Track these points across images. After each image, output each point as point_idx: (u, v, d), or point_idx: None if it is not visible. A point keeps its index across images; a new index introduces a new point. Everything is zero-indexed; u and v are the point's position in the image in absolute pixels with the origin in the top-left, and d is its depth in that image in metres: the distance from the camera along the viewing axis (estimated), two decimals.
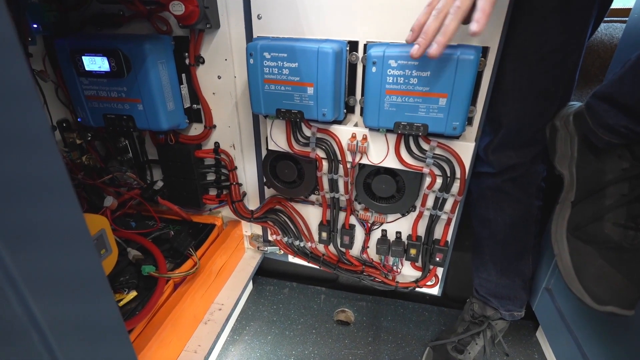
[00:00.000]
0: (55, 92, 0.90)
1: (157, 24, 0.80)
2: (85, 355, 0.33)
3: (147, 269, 0.77)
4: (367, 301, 1.16)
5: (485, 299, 0.93)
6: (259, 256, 1.09)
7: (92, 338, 0.34)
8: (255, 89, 0.73)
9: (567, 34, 0.64)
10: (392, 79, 0.65)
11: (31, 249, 0.26)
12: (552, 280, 0.91)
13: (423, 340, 1.04)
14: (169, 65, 0.81)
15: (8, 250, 0.24)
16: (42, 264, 0.27)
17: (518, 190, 0.80)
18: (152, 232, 0.92)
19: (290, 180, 0.88)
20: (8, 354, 0.27)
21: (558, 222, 0.72)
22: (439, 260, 0.87)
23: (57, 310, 0.29)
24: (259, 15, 0.75)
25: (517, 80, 0.69)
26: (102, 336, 0.35)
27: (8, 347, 0.27)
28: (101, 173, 0.98)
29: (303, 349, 1.01)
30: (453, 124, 0.65)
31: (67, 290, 0.30)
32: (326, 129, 0.77)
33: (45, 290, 0.27)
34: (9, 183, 0.24)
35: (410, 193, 0.80)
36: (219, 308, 0.91)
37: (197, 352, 0.80)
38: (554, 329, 0.90)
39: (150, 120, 0.81)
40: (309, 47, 0.66)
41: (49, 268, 0.28)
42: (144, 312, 0.70)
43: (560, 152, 0.72)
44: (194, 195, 0.98)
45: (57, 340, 0.28)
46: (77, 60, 0.76)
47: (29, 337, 0.27)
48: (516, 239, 0.85)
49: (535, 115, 0.72)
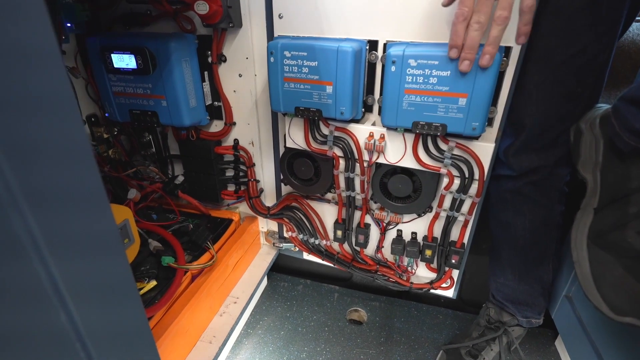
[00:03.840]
0: (85, 88, 0.94)
1: (182, 23, 0.82)
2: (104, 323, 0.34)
3: (166, 259, 0.80)
4: (380, 301, 1.16)
5: (502, 304, 0.91)
6: (274, 252, 1.11)
7: (107, 298, 0.35)
8: (275, 87, 0.74)
9: (595, 34, 0.62)
10: (412, 79, 0.64)
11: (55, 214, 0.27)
12: (572, 287, 0.89)
13: (436, 343, 1.03)
14: (193, 63, 0.83)
15: (35, 215, 0.25)
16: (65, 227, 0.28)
17: (539, 194, 0.78)
18: (172, 224, 0.95)
19: (307, 178, 0.89)
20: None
21: (579, 229, 0.70)
22: (455, 263, 0.86)
23: (78, 272, 0.30)
24: (280, 15, 0.76)
25: (540, 81, 0.67)
26: (115, 297, 0.37)
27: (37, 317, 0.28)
28: (126, 166, 1.02)
29: (315, 345, 1.02)
30: (473, 124, 0.64)
31: (87, 254, 0.31)
32: (344, 128, 0.77)
33: (65, 252, 0.28)
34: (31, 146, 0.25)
35: (427, 193, 0.80)
36: (234, 301, 0.93)
37: (212, 342, 0.82)
38: (574, 339, 0.88)
39: (173, 116, 0.84)
40: (328, 46, 0.67)
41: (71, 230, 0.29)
42: (162, 301, 0.73)
43: (584, 156, 0.70)
44: (213, 190, 1.01)
45: (74, 302, 0.29)
46: (107, 58, 0.80)
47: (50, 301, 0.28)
48: (536, 244, 0.83)
49: (559, 117, 0.71)
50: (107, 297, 0.34)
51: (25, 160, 0.24)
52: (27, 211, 0.24)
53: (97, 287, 0.32)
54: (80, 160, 0.28)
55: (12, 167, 0.22)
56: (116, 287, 0.35)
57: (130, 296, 0.37)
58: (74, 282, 0.29)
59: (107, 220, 0.32)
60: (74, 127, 0.27)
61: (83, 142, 0.28)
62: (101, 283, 0.33)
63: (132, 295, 0.37)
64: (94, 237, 0.31)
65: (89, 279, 0.31)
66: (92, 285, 0.32)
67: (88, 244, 0.31)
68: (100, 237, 0.32)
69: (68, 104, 0.26)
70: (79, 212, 0.29)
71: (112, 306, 0.35)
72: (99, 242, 0.32)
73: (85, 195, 0.30)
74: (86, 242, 0.30)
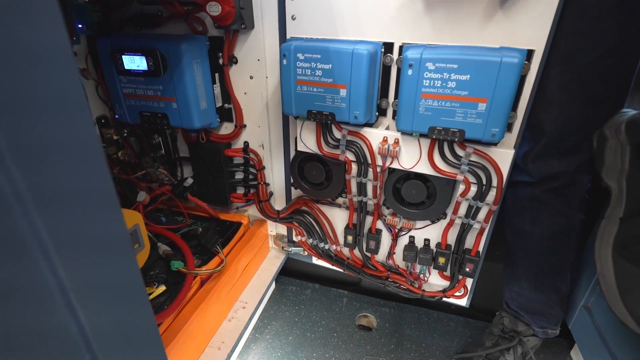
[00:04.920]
0: (95, 89, 0.93)
1: (193, 25, 0.81)
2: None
3: (176, 264, 0.79)
4: (390, 307, 1.14)
5: (516, 314, 0.89)
6: (283, 256, 1.09)
7: (114, 298, 0.34)
8: (287, 90, 0.72)
9: (623, 36, 0.60)
10: (429, 82, 0.62)
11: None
12: (591, 298, 0.86)
13: (448, 352, 1.00)
14: (204, 64, 0.82)
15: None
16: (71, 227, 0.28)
17: (559, 202, 0.75)
18: (181, 227, 0.94)
19: (318, 182, 0.87)
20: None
21: (603, 239, 0.67)
22: (469, 271, 0.84)
23: (86, 274, 0.29)
24: (293, 16, 0.74)
25: (563, 84, 0.65)
26: (123, 298, 0.36)
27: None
28: (135, 168, 1.02)
29: (324, 351, 1.00)
30: (492, 130, 0.62)
31: (94, 253, 0.31)
32: (357, 132, 0.76)
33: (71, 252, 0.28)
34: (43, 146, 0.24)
35: (442, 200, 0.77)
36: (242, 306, 0.92)
37: (221, 348, 0.81)
38: (592, 350, 0.85)
39: (184, 118, 0.83)
40: (343, 49, 0.65)
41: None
42: (172, 307, 0.72)
43: (608, 162, 0.67)
44: (222, 193, 0.99)
45: (82, 306, 0.29)
46: (117, 59, 0.79)
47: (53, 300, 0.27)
48: (555, 253, 0.80)
49: (581, 121, 0.68)
50: (116, 301, 0.33)
51: (35, 161, 0.23)
52: (34, 212, 0.23)
53: (106, 291, 0.32)
54: (91, 161, 0.28)
55: (19, 167, 0.22)
56: (126, 292, 0.34)
57: (140, 301, 0.36)
58: (82, 285, 0.28)
59: (118, 223, 0.31)
60: (85, 129, 0.27)
61: (94, 144, 0.28)
62: (110, 287, 0.32)
63: (142, 300, 0.36)
64: (104, 240, 0.31)
65: (98, 281, 0.30)
66: (100, 289, 0.31)
67: (98, 247, 0.30)
68: (110, 240, 0.31)
69: (79, 106, 0.26)
70: (88, 214, 0.28)
71: (121, 310, 0.34)
72: (109, 245, 0.31)
73: (96, 197, 0.29)
74: (96, 244, 0.30)
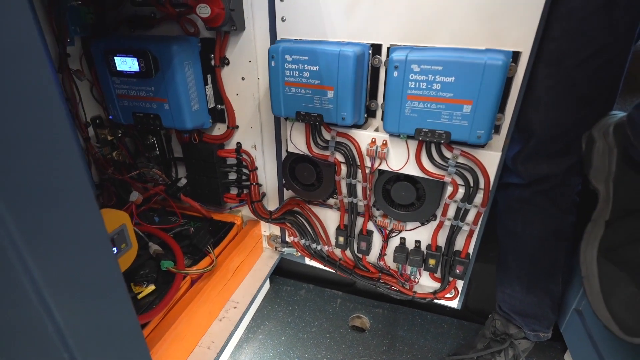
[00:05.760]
0: (90, 90, 0.94)
1: (185, 26, 0.82)
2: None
3: (165, 264, 0.79)
4: (384, 308, 1.14)
5: (508, 316, 0.89)
6: (276, 256, 1.10)
7: (93, 296, 0.35)
8: (275, 92, 0.73)
9: (611, 37, 0.59)
10: (414, 84, 0.62)
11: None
12: (583, 301, 0.85)
13: (440, 354, 1.00)
14: (195, 66, 0.83)
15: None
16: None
17: (549, 204, 0.75)
18: (174, 227, 0.95)
19: (309, 183, 0.87)
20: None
21: (589, 242, 0.67)
22: (459, 273, 0.83)
23: (58, 269, 0.29)
24: (283, 18, 0.75)
25: (551, 86, 0.65)
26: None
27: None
28: (130, 169, 1.03)
29: (316, 352, 1.00)
30: (477, 132, 0.62)
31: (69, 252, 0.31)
32: (346, 133, 0.76)
33: (46, 249, 0.28)
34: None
35: (431, 201, 0.77)
36: (234, 306, 0.92)
37: (211, 348, 0.81)
38: (584, 354, 0.84)
39: (176, 119, 0.84)
40: (330, 50, 0.66)
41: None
42: (160, 306, 0.72)
43: (596, 165, 0.67)
44: (216, 193, 1.00)
45: (53, 298, 0.29)
46: (110, 61, 0.80)
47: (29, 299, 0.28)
48: (546, 255, 0.79)
49: (570, 123, 0.68)
50: (93, 299, 0.33)
51: (5, 157, 0.24)
52: (4, 211, 0.24)
53: (83, 289, 0.32)
54: (65, 159, 0.28)
55: None
56: (104, 290, 0.35)
57: (119, 300, 0.36)
58: (57, 283, 0.29)
59: (94, 222, 0.32)
60: (59, 127, 0.27)
61: (69, 143, 0.28)
62: (87, 285, 0.33)
63: (122, 298, 0.37)
64: (80, 238, 0.31)
65: (74, 279, 0.31)
66: (76, 287, 0.31)
67: (73, 245, 0.30)
68: (86, 239, 0.32)
69: (51, 101, 0.26)
70: (62, 212, 0.29)
71: (99, 308, 0.35)
72: (85, 243, 0.32)
73: (71, 196, 0.29)
74: (71, 243, 0.30)
